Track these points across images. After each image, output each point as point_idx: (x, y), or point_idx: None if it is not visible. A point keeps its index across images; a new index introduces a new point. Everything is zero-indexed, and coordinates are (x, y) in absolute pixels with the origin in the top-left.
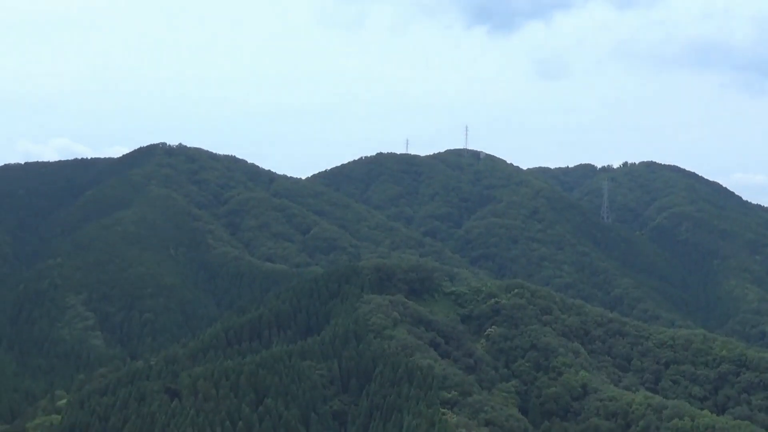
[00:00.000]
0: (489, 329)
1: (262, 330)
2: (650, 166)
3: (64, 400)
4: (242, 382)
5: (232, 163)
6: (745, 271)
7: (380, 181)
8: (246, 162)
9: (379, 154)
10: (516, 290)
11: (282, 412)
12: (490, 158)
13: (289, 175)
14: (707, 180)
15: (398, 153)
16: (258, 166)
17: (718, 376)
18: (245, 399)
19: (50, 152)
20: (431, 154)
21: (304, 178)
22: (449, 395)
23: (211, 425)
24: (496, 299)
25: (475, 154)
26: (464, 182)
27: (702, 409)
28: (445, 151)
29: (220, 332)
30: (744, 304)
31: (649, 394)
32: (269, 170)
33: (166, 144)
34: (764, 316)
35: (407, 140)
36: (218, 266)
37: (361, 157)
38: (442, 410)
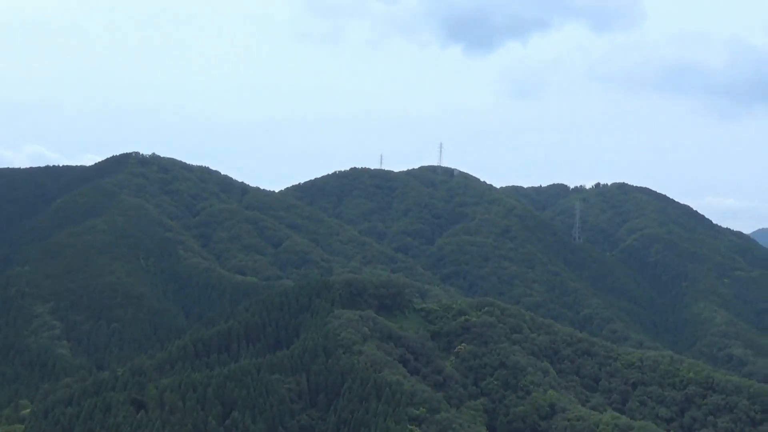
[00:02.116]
0: (458, 346)
1: (231, 343)
2: (622, 188)
3: (28, 410)
4: (209, 394)
5: (205, 174)
6: (713, 294)
7: (353, 196)
8: (219, 173)
9: (353, 169)
10: (486, 308)
11: (249, 426)
12: (464, 176)
13: (262, 188)
14: (678, 203)
15: (372, 168)
16: (231, 178)
17: (685, 398)
18: (212, 412)
19: (23, 159)
20: (405, 170)
21: (277, 191)
22: (417, 412)
23: None
24: (466, 317)
25: (449, 171)
26: (437, 199)
27: (668, 430)
28: (419, 168)
29: (188, 344)
30: (712, 327)
31: (616, 414)
32: (242, 182)
33: (139, 153)
34: (731, 339)
35: (381, 156)
36: (188, 277)
37: (335, 172)
38: (410, 427)
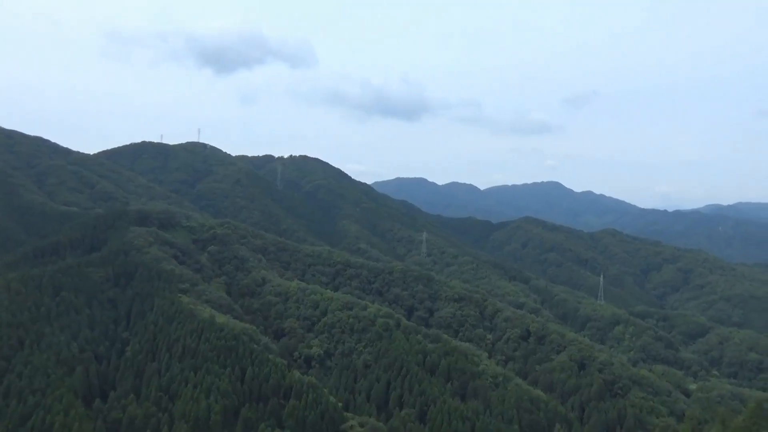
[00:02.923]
0: (209, 247)
1: (60, 249)
2: (304, 158)
3: None
4: (45, 282)
5: (40, 141)
6: (350, 216)
7: (144, 159)
8: (50, 141)
9: (144, 142)
10: (226, 225)
11: (73, 300)
12: (213, 148)
13: (82, 151)
14: (333, 166)
15: (155, 142)
16: (59, 144)
17: (335, 271)
18: (47, 292)
19: None
20: (177, 143)
21: (92, 153)
22: (184, 286)
23: (21, 311)
24: (214, 230)
25: (204, 145)
26: (197, 161)
27: (327, 289)
28: (186, 143)
29: (28, 250)
30: (350, 234)
31: (300, 282)
32: (67, 147)
33: None
34: (361, 240)
35: (161, 135)
36: (28, 208)
37: (131, 143)
38: (179, 295)
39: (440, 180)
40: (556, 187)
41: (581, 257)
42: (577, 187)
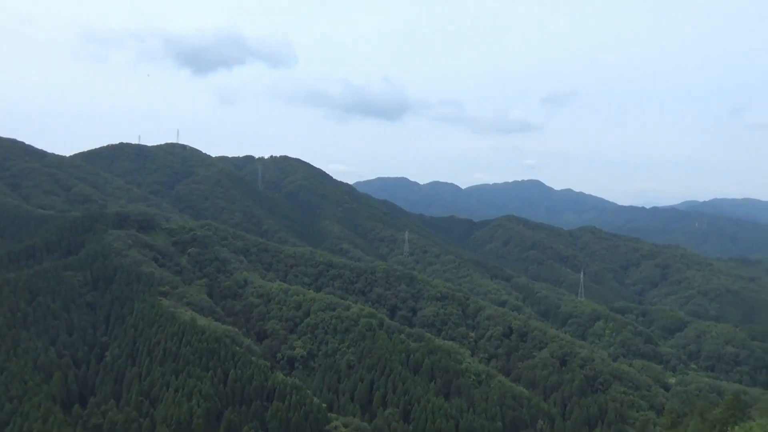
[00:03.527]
0: (189, 249)
1: (36, 253)
2: (285, 158)
3: None
4: (20, 286)
5: (14, 143)
6: (332, 217)
7: (121, 160)
8: (24, 143)
9: (121, 143)
10: (206, 226)
11: (50, 305)
12: (192, 149)
13: (57, 153)
14: (313, 166)
15: (133, 143)
16: (33, 146)
17: (318, 272)
18: (23, 297)
19: None
20: (155, 144)
21: (68, 155)
22: (164, 289)
23: None
24: (194, 232)
25: (183, 146)
26: (176, 163)
27: (309, 290)
28: (165, 144)
29: (3, 255)
30: (332, 234)
31: (283, 283)
32: (42, 149)
33: None
34: (343, 240)
35: (139, 136)
36: (2, 212)
37: (108, 144)
38: (159, 298)
39: (422, 179)
40: (536, 185)
41: (562, 254)
42: (557, 186)
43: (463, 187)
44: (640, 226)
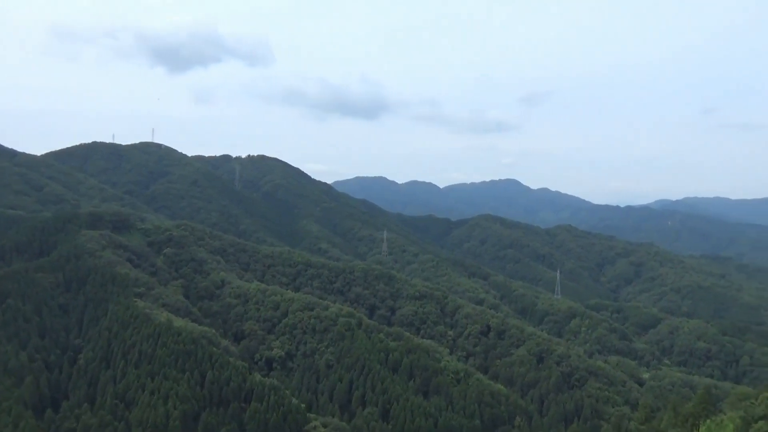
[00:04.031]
0: (165, 250)
1: (6, 254)
2: (263, 157)
3: None
4: None
5: None
6: (311, 216)
7: (95, 159)
8: None
9: (94, 142)
10: (182, 227)
11: (21, 308)
12: (167, 148)
13: (28, 152)
14: (291, 165)
15: (107, 142)
16: (3, 145)
17: (296, 272)
18: None
19: None
20: (130, 144)
21: (40, 154)
22: (139, 290)
23: None
24: (170, 232)
25: (158, 145)
26: (151, 162)
27: (287, 290)
28: (139, 143)
29: None
30: (311, 233)
31: (260, 283)
32: (12, 148)
33: None
34: (321, 239)
35: (113, 135)
36: None
37: (81, 144)
38: (135, 299)
39: (400, 179)
40: (513, 184)
41: (538, 253)
42: (534, 185)
43: (441, 186)
44: (615, 224)
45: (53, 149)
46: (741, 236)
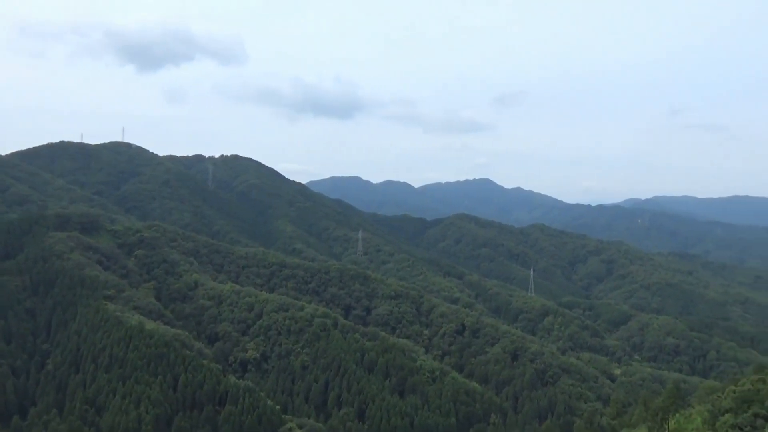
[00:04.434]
0: (136, 252)
1: None
2: (236, 157)
3: None
4: None
5: None
6: (285, 216)
7: (63, 159)
8: None
9: (62, 142)
10: (154, 228)
11: None
12: (138, 148)
13: None
14: (265, 165)
15: (75, 142)
16: None
17: (270, 273)
18: None
19: None
20: (99, 143)
21: (4, 154)
22: (109, 293)
23: None
24: (141, 233)
25: (129, 145)
26: (122, 162)
27: (262, 291)
28: (109, 142)
29: None
30: (285, 234)
31: (234, 285)
32: None
33: None
34: (296, 240)
35: (82, 134)
36: None
37: (48, 143)
38: (105, 302)
39: (375, 178)
40: (487, 184)
41: (512, 252)
42: (507, 184)
43: (416, 185)
44: (587, 223)
45: (19, 149)
46: (708, 234)
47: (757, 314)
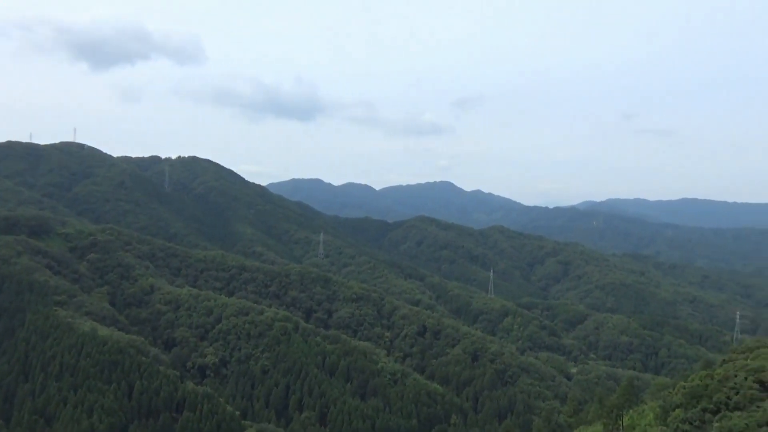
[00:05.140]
0: (89, 255)
1: None
2: (194, 159)
3: None
4: None
5: None
6: (245, 219)
7: (9, 160)
8: None
9: (9, 141)
10: (108, 231)
11: None
12: (91, 148)
13: None
14: (225, 167)
15: (23, 141)
16: None
17: (230, 276)
18: None
19: None
20: (49, 143)
21: None
22: (59, 298)
23: None
24: (94, 236)
25: (81, 146)
26: (73, 163)
27: (221, 295)
28: (60, 143)
29: None
30: (244, 236)
31: (192, 289)
32: None
33: None
34: (256, 242)
35: (30, 134)
36: None
37: None
38: (55, 308)
39: (336, 180)
40: (447, 186)
41: (472, 253)
42: (467, 186)
43: (377, 188)
44: (544, 224)
45: None
46: (658, 235)
47: (705, 312)
